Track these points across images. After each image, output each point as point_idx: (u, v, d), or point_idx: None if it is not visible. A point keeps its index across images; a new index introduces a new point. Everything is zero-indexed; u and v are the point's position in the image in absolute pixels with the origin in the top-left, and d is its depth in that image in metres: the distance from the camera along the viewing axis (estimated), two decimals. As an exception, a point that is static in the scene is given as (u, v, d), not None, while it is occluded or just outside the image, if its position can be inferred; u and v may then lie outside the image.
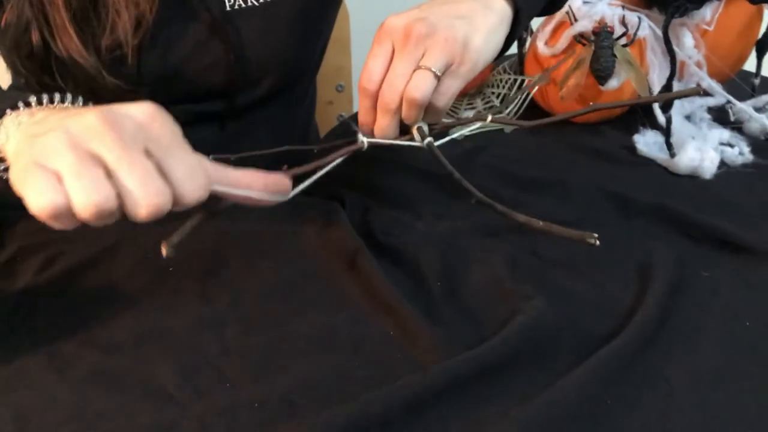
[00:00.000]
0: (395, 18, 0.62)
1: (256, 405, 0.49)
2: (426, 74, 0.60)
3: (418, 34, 0.60)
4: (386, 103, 0.61)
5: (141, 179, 0.42)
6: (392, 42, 0.61)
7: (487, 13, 0.64)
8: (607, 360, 0.52)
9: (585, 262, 0.65)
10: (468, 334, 0.56)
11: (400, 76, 0.60)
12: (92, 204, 0.41)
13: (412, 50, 0.60)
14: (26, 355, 0.53)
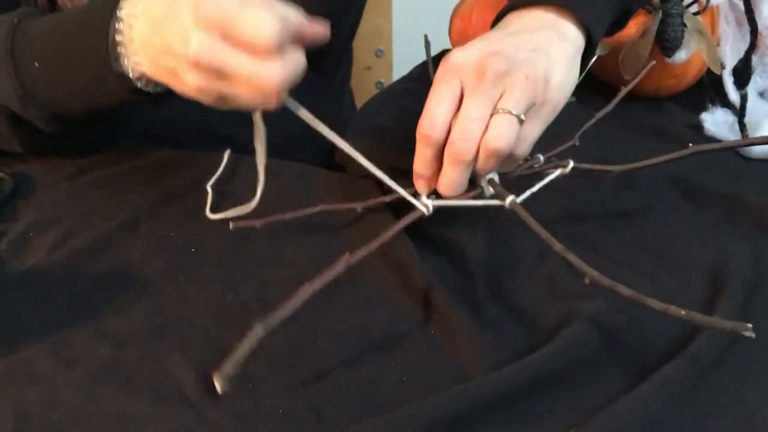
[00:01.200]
0: (463, 52, 0.53)
1: (280, 412, 0.44)
2: (509, 119, 0.51)
3: (495, 72, 0.51)
4: (459, 153, 0.51)
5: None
6: (461, 81, 0.52)
7: (563, 44, 0.55)
8: (676, 375, 0.46)
9: (649, 259, 0.58)
10: (517, 339, 0.50)
11: (477, 121, 0.51)
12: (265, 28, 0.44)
13: (488, 90, 0.51)
14: (31, 345, 0.49)
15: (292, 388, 0.46)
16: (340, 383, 0.47)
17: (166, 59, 0.48)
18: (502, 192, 0.53)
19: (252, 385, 0.46)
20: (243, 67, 0.45)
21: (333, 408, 0.45)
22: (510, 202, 0.52)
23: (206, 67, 0.45)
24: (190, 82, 0.47)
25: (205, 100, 0.48)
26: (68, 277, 0.55)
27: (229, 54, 0.45)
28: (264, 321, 0.42)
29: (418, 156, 0.54)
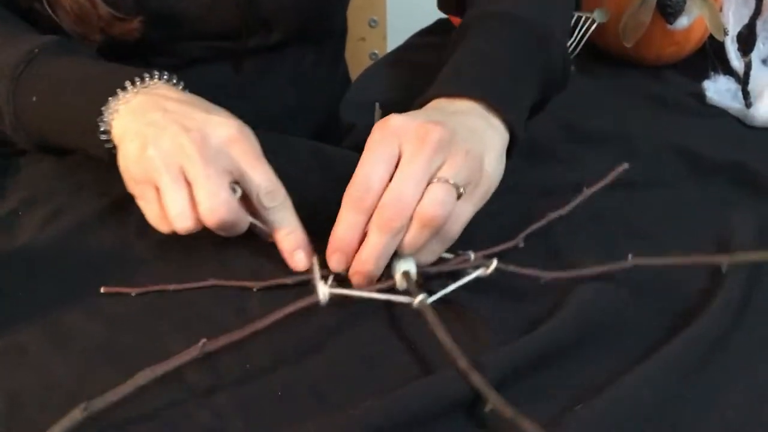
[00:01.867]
0: (404, 117, 0.49)
1: (280, 394, 0.43)
2: (448, 189, 0.47)
3: (438, 140, 0.47)
4: (390, 220, 0.46)
5: (210, 193, 0.48)
6: (400, 145, 0.48)
7: (493, 134, 0.53)
8: (685, 349, 0.45)
9: (655, 228, 0.57)
10: (520, 313, 0.49)
11: (414, 187, 0.46)
12: (175, 215, 0.49)
13: (430, 157, 0.47)
14: (23, 326, 0.47)
15: (291, 368, 0.45)
16: (342, 362, 0.46)
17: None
18: (414, 289, 0.47)
19: (250, 366, 0.45)
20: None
21: (335, 388, 0.44)
22: (419, 301, 0.46)
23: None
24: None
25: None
26: (60, 255, 0.54)
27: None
28: (85, 404, 0.40)
29: (343, 224, 0.48)
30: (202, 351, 0.43)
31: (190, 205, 0.49)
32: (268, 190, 0.51)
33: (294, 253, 0.51)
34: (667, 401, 0.42)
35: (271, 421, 0.41)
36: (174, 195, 0.49)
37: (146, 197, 0.51)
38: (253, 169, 0.50)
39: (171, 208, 0.49)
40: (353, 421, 0.39)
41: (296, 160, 0.64)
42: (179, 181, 0.49)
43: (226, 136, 0.50)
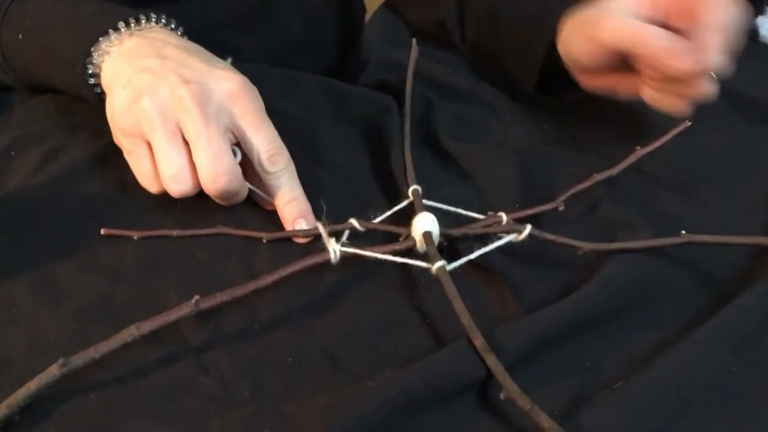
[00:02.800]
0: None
1: (290, 360, 0.39)
2: None
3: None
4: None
5: (212, 158, 0.44)
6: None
7: None
8: (735, 321, 0.41)
9: (701, 181, 0.52)
10: (555, 281, 0.45)
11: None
12: (170, 176, 0.45)
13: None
14: (13, 280, 0.44)
15: (302, 329, 0.41)
16: (356, 323, 0.42)
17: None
18: (434, 253, 0.43)
19: (258, 327, 0.41)
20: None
21: (350, 353, 0.40)
22: (438, 268, 0.42)
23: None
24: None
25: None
26: (54, 201, 0.49)
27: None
28: (63, 360, 0.37)
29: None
30: (195, 308, 0.39)
31: (189, 168, 0.45)
32: (271, 153, 0.47)
33: (296, 223, 0.47)
34: (722, 378, 0.38)
35: (279, 389, 0.38)
36: (169, 155, 0.45)
37: (135, 152, 0.47)
38: (255, 129, 0.46)
39: (165, 169, 0.45)
40: (368, 394, 0.36)
41: (305, 99, 0.59)
42: (176, 140, 0.45)
43: (228, 91, 0.46)
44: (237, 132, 0.47)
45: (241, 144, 0.47)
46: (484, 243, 0.45)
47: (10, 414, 0.36)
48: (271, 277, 0.41)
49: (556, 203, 0.49)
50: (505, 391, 0.36)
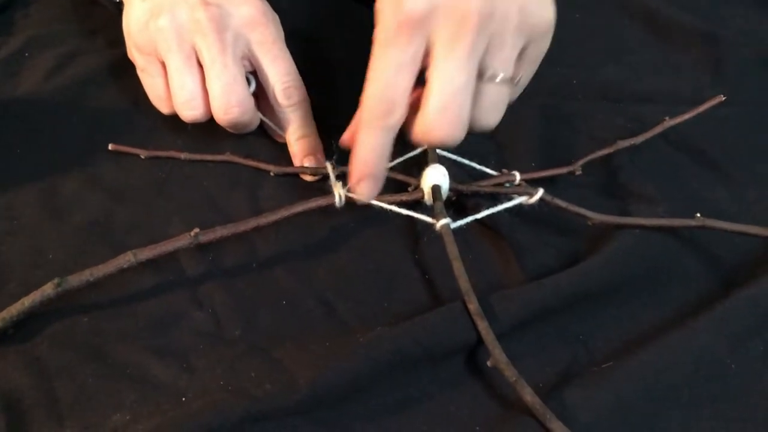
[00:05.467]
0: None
1: (284, 303, 0.39)
2: (501, 90, 0.37)
3: (479, 18, 0.34)
4: (440, 140, 0.36)
5: (225, 88, 0.43)
6: (428, 35, 0.35)
7: None
8: (737, 313, 0.40)
9: (727, 157, 0.50)
10: (559, 245, 0.44)
11: (464, 92, 0.35)
12: (183, 101, 0.44)
13: (473, 46, 0.35)
14: (16, 189, 0.44)
15: (300, 274, 0.41)
16: (355, 274, 0.41)
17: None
18: (441, 210, 0.41)
19: (256, 266, 0.41)
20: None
21: (345, 302, 0.40)
22: (441, 225, 0.40)
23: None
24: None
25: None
26: (65, 110, 0.49)
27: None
28: (59, 279, 0.36)
29: (365, 147, 0.37)
30: (194, 240, 0.39)
31: (202, 94, 0.44)
32: (286, 86, 0.45)
33: (305, 160, 0.46)
34: (712, 370, 0.37)
35: (271, 332, 0.38)
36: (184, 78, 0.44)
37: (149, 71, 0.46)
38: (273, 59, 0.45)
39: (178, 93, 0.44)
40: (357, 349, 0.35)
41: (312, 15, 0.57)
42: (190, 63, 0.44)
43: (247, 17, 0.44)
44: (253, 60, 0.45)
45: (258, 74, 0.46)
46: (494, 202, 0.44)
47: (4, 327, 0.36)
48: (273, 216, 0.41)
49: (574, 167, 0.47)
50: (493, 359, 0.36)
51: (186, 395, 0.35)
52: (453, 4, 0.35)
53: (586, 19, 0.62)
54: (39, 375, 0.35)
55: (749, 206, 0.47)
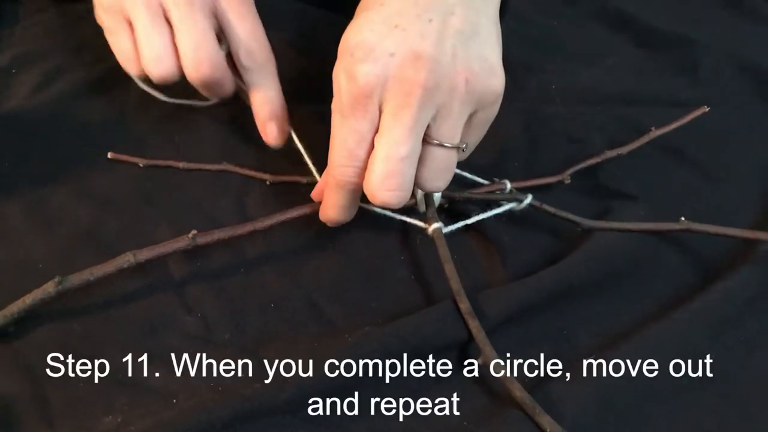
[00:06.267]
0: (373, 65, 0.36)
1: (272, 306, 0.40)
2: (448, 156, 0.38)
3: (423, 90, 0.36)
4: (386, 203, 0.38)
5: (195, 44, 0.43)
6: (379, 102, 0.37)
7: (485, 6, 0.39)
8: (717, 303, 0.41)
9: (705, 153, 0.52)
10: (543, 245, 0.45)
11: (409, 160, 0.37)
12: (151, 58, 0.43)
13: (418, 117, 0.37)
14: (6, 200, 0.44)
15: (287, 276, 0.42)
16: (343, 275, 0.42)
17: None
18: (433, 215, 0.42)
19: (244, 270, 0.42)
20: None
21: (332, 302, 0.40)
22: (434, 230, 0.41)
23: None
24: None
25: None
26: (52, 123, 0.49)
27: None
28: (60, 278, 0.37)
29: (334, 202, 0.40)
30: (192, 243, 0.39)
31: (171, 51, 0.43)
32: (249, 48, 0.45)
33: (266, 124, 0.46)
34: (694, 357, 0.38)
35: (259, 335, 0.38)
36: (151, 35, 0.43)
37: (116, 31, 0.45)
38: (240, 20, 0.44)
39: (146, 51, 0.43)
40: (347, 347, 0.36)
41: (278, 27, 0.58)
42: (158, 20, 0.43)
43: None
44: (221, 20, 0.44)
45: (225, 34, 0.45)
46: (485, 208, 0.44)
47: (5, 325, 0.37)
48: (268, 221, 0.41)
49: (563, 177, 0.48)
50: (483, 357, 0.36)
51: (176, 397, 0.35)
52: (400, 76, 0.36)
53: (564, 26, 0.64)
54: (30, 381, 0.35)
55: (728, 201, 0.49)
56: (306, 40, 0.58)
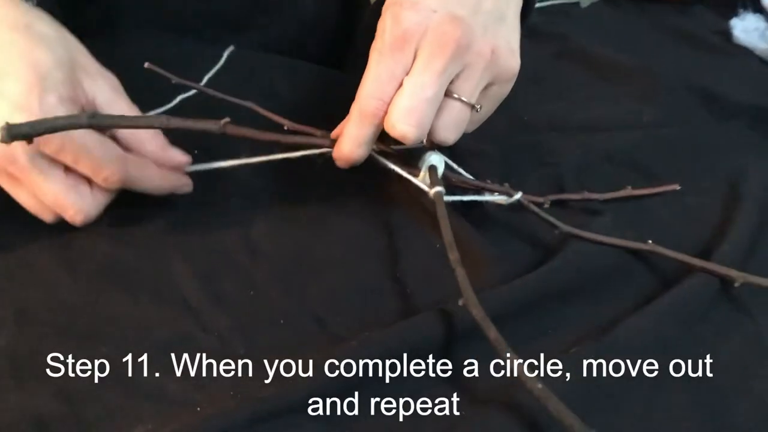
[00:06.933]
0: (418, 15, 0.43)
1: (282, 322, 0.44)
2: (463, 111, 0.44)
3: (457, 45, 0.42)
4: (401, 136, 0.43)
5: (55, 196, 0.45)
6: (416, 50, 0.43)
7: (511, 4, 0.47)
8: (688, 295, 0.45)
9: (666, 169, 0.57)
10: (525, 255, 0.49)
11: (430, 102, 0.43)
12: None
13: (447, 67, 0.43)
14: (30, 243, 0.48)
15: (293, 295, 0.45)
16: (342, 290, 0.46)
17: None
18: (435, 181, 0.47)
19: (254, 293, 0.46)
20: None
21: (336, 316, 0.44)
22: (435, 193, 0.46)
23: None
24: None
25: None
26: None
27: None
28: (93, 112, 0.41)
29: (353, 137, 0.45)
30: (221, 129, 0.44)
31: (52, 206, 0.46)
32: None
33: (167, 151, 0.49)
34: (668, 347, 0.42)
35: (270, 346, 0.42)
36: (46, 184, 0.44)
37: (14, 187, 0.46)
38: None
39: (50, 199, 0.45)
40: (350, 351, 0.40)
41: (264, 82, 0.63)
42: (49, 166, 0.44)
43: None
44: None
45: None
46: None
47: (27, 135, 0.40)
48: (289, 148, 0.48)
49: (544, 200, 0.52)
50: (464, 299, 0.40)
51: (200, 406, 0.39)
52: (439, 30, 0.43)
53: (531, 64, 0.69)
54: (65, 400, 0.39)
55: (689, 211, 0.53)
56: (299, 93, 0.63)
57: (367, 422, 0.39)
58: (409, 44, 0.43)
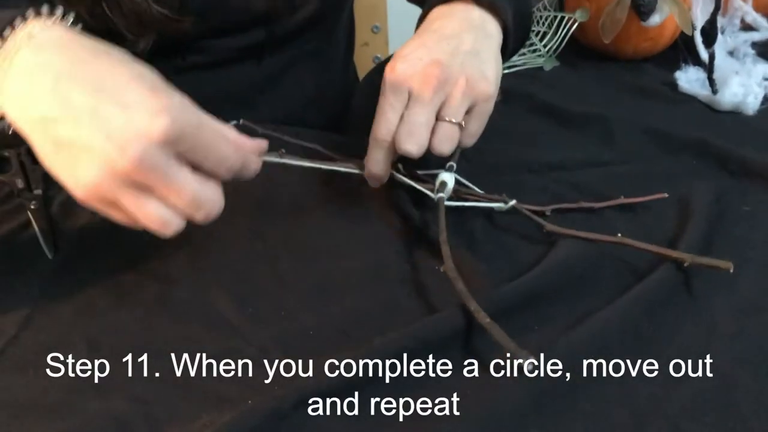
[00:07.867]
0: (406, 64, 0.58)
1: (311, 333, 0.52)
2: (452, 128, 0.58)
3: (438, 81, 0.56)
4: (408, 152, 0.57)
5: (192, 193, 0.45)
6: (408, 90, 0.57)
7: (489, 42, 0.62)
8: (650, 291, 0.54)
9: (628, 196, 0.65)
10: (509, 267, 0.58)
11: (424, 125, 0.57)
12: (160, 224, 0.46)
13: (433, 98, 0.56)
14: (92, 287, 0.56)
15: (319, 313, 0.54)
16: (361, 308, 0.54)
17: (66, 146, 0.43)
18: (441, 191, 0.60)
19: (285, 313, 0.54)
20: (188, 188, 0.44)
21: (358, 328, 0.52)
22: (440, 197, 0.59)
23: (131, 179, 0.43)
24: (88, 181, 0.43)
25: (92, 202, 0.45)
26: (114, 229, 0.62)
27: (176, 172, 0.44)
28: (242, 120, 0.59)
29: (374, 158, 0.59)
30: (281, 157, 0.58)
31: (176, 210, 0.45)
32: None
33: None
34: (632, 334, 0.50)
35: (305, 353, 0.49)
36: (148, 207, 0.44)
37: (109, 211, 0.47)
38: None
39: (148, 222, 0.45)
40: (372, 349, 0.48)
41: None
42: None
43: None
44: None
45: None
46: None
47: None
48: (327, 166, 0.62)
49: (546, 209, 0.63)
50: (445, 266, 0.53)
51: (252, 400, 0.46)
52: (424, 71, 0.57)
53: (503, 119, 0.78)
54: (140, 403, 0.46)
55: (650, 228, 0.62)
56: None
57: (367, 422, 0.44)
58: (404, 85, 0.57)
